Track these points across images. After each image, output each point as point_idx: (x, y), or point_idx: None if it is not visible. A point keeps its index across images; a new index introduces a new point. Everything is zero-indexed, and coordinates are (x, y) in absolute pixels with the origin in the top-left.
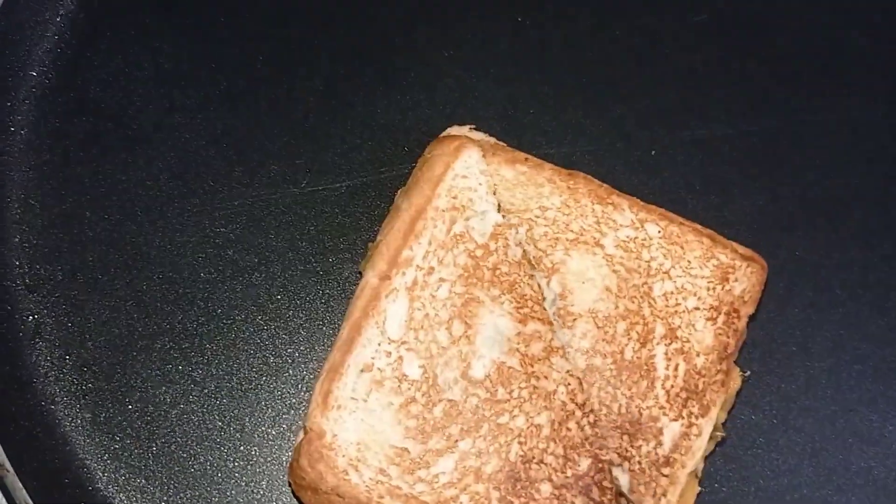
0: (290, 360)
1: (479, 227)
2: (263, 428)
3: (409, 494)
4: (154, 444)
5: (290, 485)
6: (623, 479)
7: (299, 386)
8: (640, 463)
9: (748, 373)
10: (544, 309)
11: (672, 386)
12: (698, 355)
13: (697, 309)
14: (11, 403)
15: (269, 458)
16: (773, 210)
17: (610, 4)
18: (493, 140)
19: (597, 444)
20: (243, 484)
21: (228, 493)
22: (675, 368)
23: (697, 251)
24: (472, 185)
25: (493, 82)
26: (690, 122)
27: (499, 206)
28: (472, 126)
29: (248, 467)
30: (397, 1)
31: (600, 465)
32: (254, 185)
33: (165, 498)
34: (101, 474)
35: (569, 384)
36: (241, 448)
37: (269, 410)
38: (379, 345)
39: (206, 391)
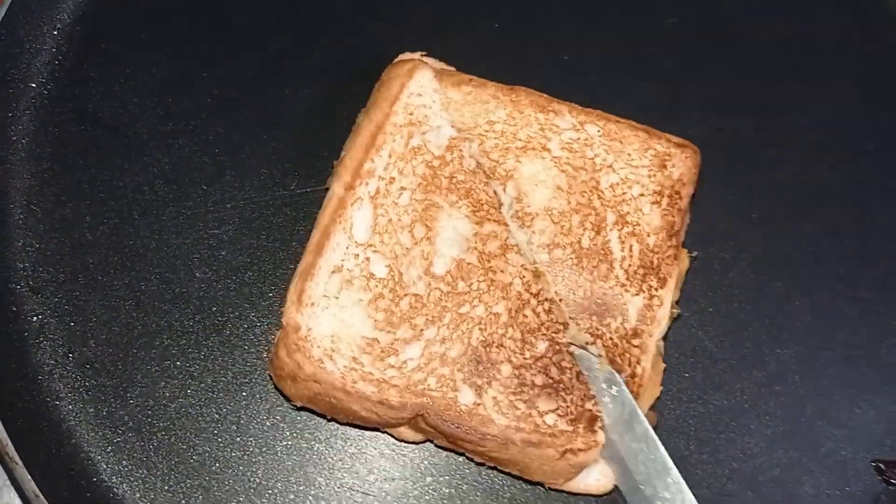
0: None
1: (435, 140)
2: (259, 420)
3: (381, 379)
4: (154, 437)
5: (270, 378)
6: (600, 353)
7: None
8: (611, 338)
9: (695, 253)
10: (499, 212)
11: (629, 265)
12: (649, 235)
13: (642, 195)
14: (18, 400)
15: (264, 449)
16: (745, 202)
17: (586, 8)
18: (440, 65)
19: (553, 328)
20: (240, 473)
21: (226, 482)
22: (630, 249)
23: (635, 144)
24: (427, 103)
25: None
26: (664, 122)
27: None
28: (423, 53)
29: (245, 458)
30: (386, 20)
31: (558, 348)
32: (245, 188)
33: (166, 487)
34: (104, 466)
35: (524, 277)
36: (238, 439)
37: (265, 403)
38: (347, 248)
39: (203, 385)
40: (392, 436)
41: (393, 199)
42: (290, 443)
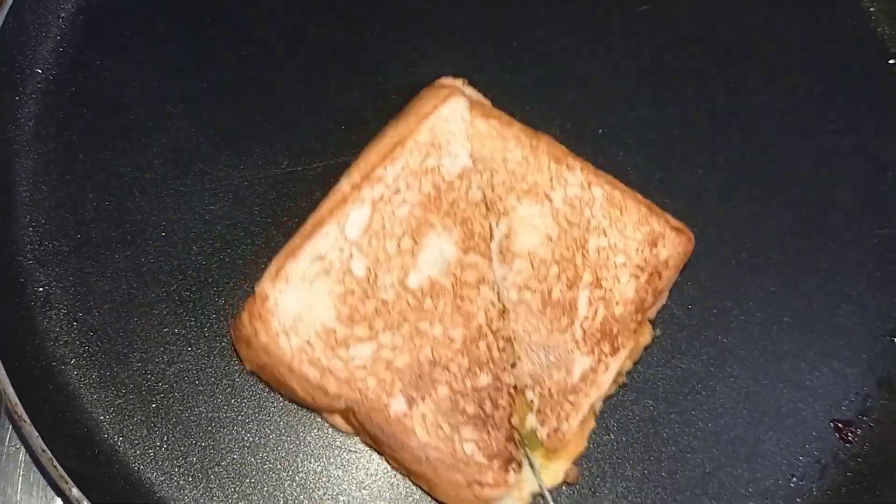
0: None
1: (450, 166)
2: (253, 382)
3: (326, 367)
4: (154, 399)
5: (230, 336)
6: (534, 400)
7: None
8: (549, 388)
9: (658, 331)
10: (488, 247)
11: (589, 326)
12: (617, 304)
13: (625, 265)
14: (27, 364)
15: (257, 409)
16: (713, 181)
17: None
18: (477, 95)
19: (501, 366)
20: (234, 432)
21: (221, 440)
22: (595, 312)
23: (634, 216)
24: (453, 130)
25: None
26: (637, 103)
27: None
28: (465, 81)
29: (238, 417)
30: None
31: (499, 385)
32: (239, 167)
33: (165, 445)
34: (107, 426)
35: (489, 312)
36: (232, 401)
37: None
38: (335, 241)
39: (199, 351)
40: (325, 420)
41: (393, 208)
42: (282, 403)
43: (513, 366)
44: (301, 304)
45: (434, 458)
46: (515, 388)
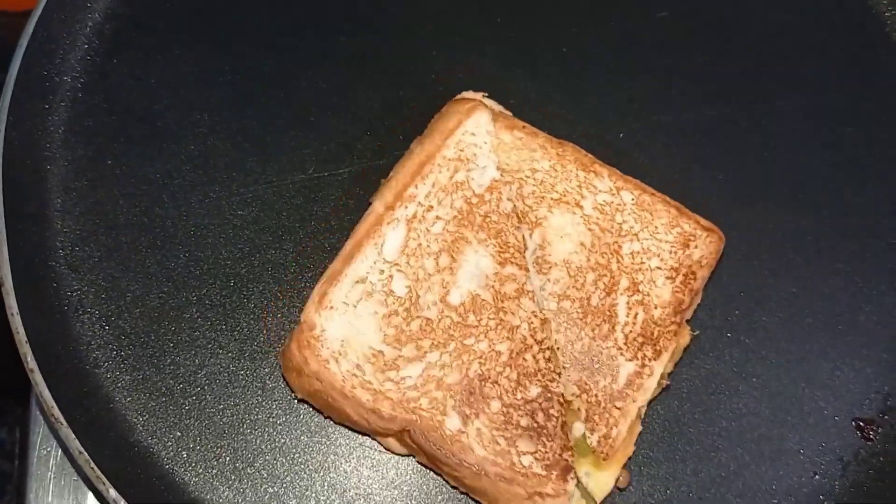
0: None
1: (479, 179)
2: (282, 385)
3: (378, 390)
4: (186, 402)
5: (280, 367)
6: (581, 408)
7: None
8: (596, 395)
9: (697, 332)
10: (524, 258)
11: (630, 331)
12: (656, 308)
13: (659, 268)
14: (62, 368)
15: (288, 412)
16: (733, 185)
17: (586, 7)
18: (499, 107)
19: (549, 376)
20: (266, 434)
21: (252, 443)
22: (635, 317)
23: (664, 219)
24: (478, 143)
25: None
26: (658, 108)
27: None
28: (485, 94)
29: (270, 420)
30: (394, 8)
31: (549, 395)
32: (266, 173)
33: (197, 447)
34: (140, 427)
35: (532, 323)
36: (265, 404)
37: None
38: (374, 263)
39: (230, 355)
40: (380, 443)
41: (427, 225)
42: (312, 408)
43: (559, 377)
44: (347, 328)
45: (493, 472)
46: (564, 397)
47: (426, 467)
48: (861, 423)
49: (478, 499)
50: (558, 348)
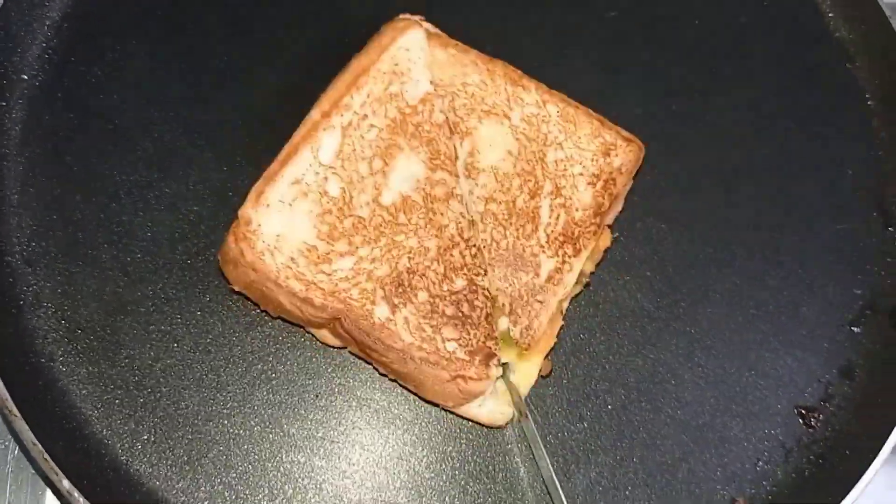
0: (259, 316)
1: (412, 91)
2: (237, 376)
3: (310, 281)
4: (141, 394)
5: (217, 261)
6: (505, 303)
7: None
8: (519, 290)
9: (617, 234)
10: (454, 165)
11: (552, 231)
12: (577, 210)
13: (581, 175)
14: (17, 361)
15: (242, 403)
16: (680, 181)
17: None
18: (434, 29)
19: (475, 271)
20: (220, 425)
21: (208, 434)
22: (557, 218)
23: (587, 129)
24: (413, 58)
25: None
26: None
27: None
28: (421, 17)
29: (224, 412)
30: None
31: (474, 288)
32: (221, 170)
33: (153, 439)
34: (96, 420)
35: (460, 223)
36: (218, 395)
37: (242, 362)
38: (310, 165)
39: (185, 347)
40: (314, 335)
41: (361, 132)
42: (266, 396)
43: (485, 273)
44: (282, 224)
45: (419, 357)
46: (489, 291)
47: (358, 357)
48: (803, 411)
49: (406, 384)
50: (485, 246)
